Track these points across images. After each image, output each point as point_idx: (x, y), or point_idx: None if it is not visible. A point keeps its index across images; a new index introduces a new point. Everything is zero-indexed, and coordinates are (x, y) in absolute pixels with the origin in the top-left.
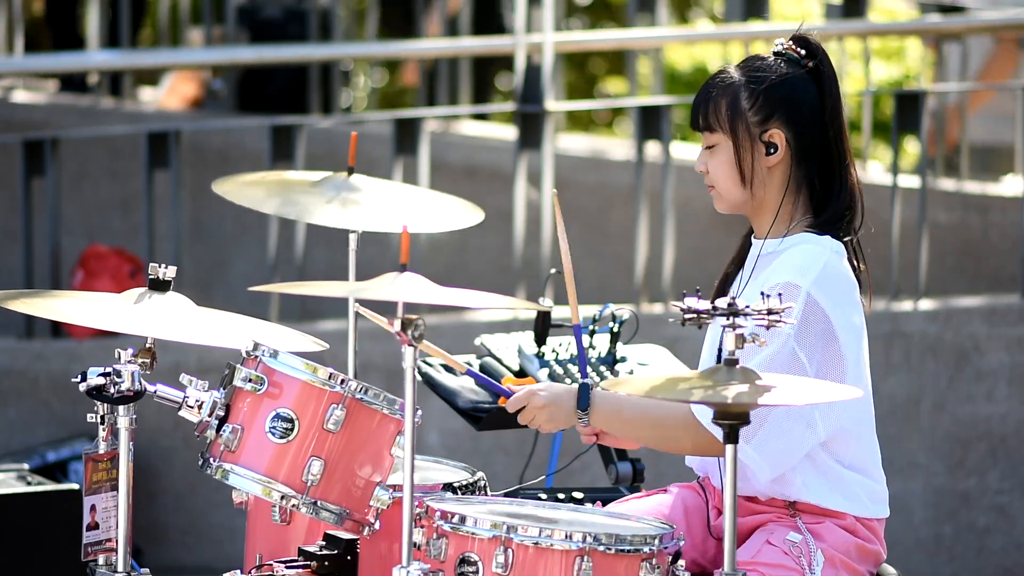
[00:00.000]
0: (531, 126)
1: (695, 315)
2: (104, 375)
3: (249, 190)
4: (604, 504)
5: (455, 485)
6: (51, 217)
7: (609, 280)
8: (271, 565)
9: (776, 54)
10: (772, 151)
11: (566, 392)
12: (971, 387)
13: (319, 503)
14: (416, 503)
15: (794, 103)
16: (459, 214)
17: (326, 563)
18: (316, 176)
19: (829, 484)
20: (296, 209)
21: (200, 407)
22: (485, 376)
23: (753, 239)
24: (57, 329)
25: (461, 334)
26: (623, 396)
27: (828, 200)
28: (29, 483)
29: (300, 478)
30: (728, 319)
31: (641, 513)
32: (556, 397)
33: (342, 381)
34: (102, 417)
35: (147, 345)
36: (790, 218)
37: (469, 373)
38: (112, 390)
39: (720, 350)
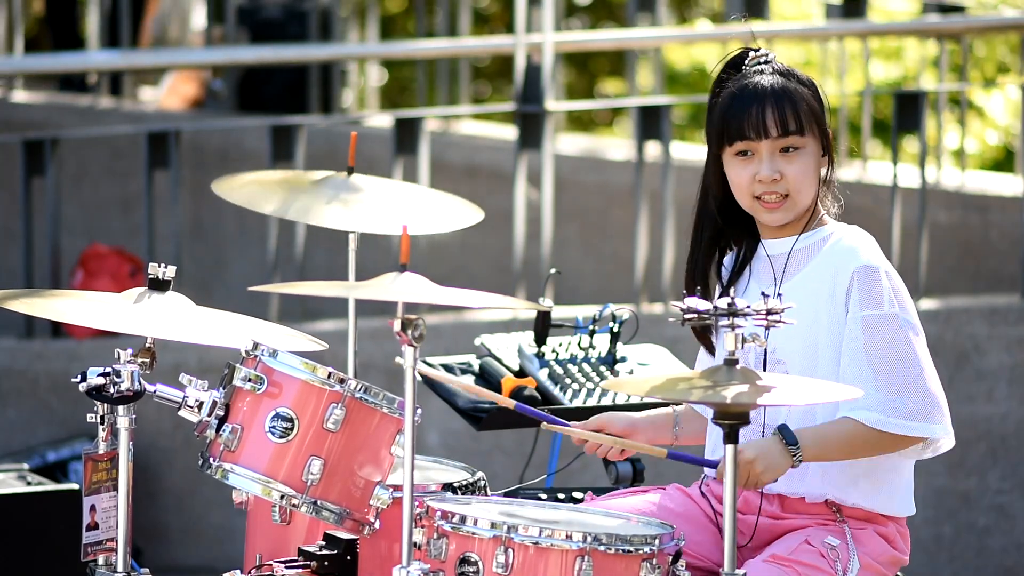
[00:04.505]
0: (531, 126)
1: (695, 315)
2: (104, 375)
3: (248, 189)
4: (596, 494)
5: (455, 485)
6: (51, 217)
7: (609, 280)
8: (271, 565)
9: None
10: (826, 153)
11: (768, 440)
12: (971, 387)
13: (319, 502)
14: (416, 503)
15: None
16: (459, 213)
17: (326, 563)
18: (316, 176)
19: (875, 486)
20: (295, 210)
21: (200, 407)
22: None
23: (768, 239)
24: (57, 329)
25: (461, 334)
26: (814, 427)
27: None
28: (29, 483)
29: (300, 477)
30: (728, 319)
31: (626, 510)
32: (762, 446)
33: (341, 380)
34: (102, 417)
35: (147, 345)
36: (815, 215)
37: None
38: (112, 390)
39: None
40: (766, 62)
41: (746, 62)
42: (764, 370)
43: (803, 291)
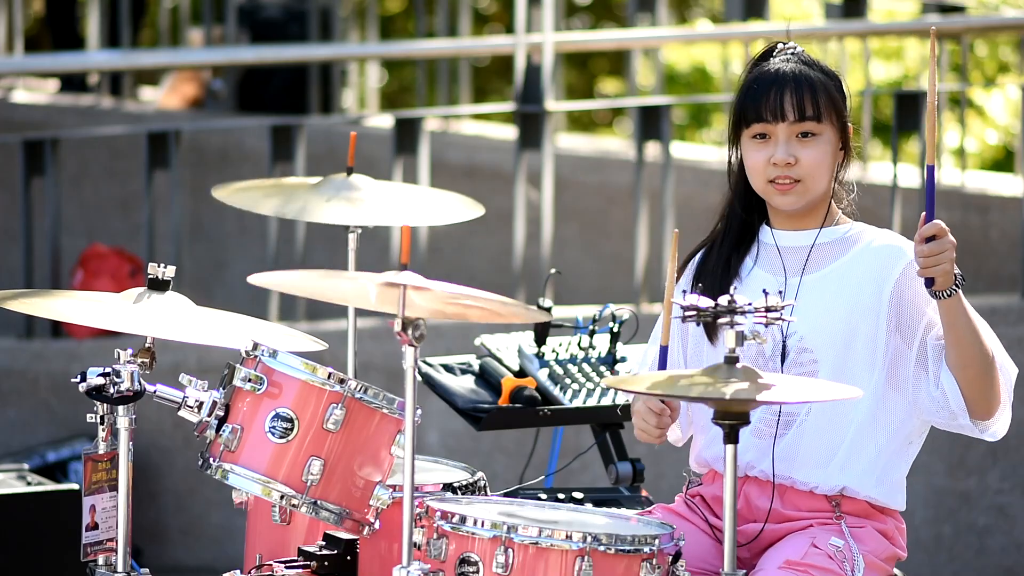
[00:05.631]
0: (531, 126)
1: (695, 312)
2: (104, 375)
3: (247, 194)
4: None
5: (455, 485)
6: (51, 217)
7: (609, 280)
8: (271, 565)
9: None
10: (844, 148)
11: None
12: None
13: (319, 503)
14: (416, 503)
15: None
16: (459, 211)
17: (326, 563)
18: (315, 180)
19: (883, 477)
20: (295, 208)
21: (200, 407)
22: None
23: (780, 230)
24: (57, 329)
25: (461, 334)
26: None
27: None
28: (29, 483)
29: (300, 478)
30: (728, 317)
31: None
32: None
33: (341, 381)
34: (102, 417)
35: (147, 345)
36: (830, 212)
37: None
38: (112, 390)
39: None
40: (792, 53)
41: (774, 54)
42: (783, 359)
43: (838, 284)
